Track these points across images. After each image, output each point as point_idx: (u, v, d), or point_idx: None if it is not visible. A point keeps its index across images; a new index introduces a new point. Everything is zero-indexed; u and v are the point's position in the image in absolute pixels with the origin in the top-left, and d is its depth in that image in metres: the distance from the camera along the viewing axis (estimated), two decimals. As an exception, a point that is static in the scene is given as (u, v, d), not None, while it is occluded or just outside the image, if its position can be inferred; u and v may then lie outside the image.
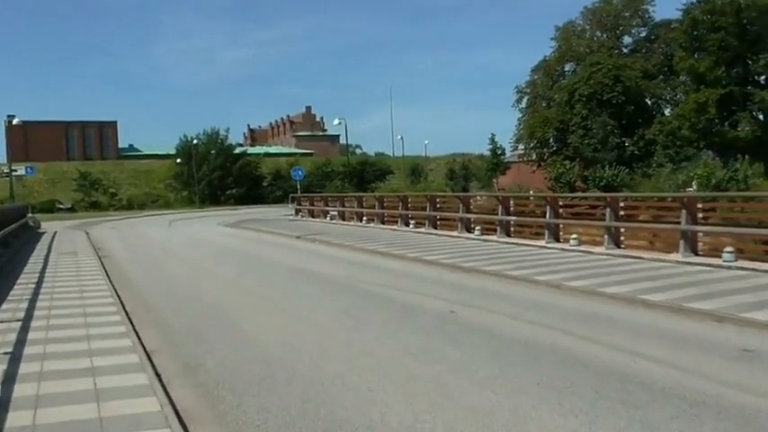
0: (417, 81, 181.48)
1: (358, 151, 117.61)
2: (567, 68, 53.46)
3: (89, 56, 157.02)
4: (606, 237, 13.57)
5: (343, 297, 9.54)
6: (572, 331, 7.08)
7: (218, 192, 62.39)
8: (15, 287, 10.29)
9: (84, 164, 69.11)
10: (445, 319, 7.83)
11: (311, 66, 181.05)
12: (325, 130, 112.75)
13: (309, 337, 6.99)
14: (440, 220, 19.94)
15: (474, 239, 16.80)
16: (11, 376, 5.22)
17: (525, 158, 53.80)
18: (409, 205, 21.77)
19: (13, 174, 41.27)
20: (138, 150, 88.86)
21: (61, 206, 57.54)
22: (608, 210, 13.71)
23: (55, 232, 25.49)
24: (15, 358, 5.79)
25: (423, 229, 19.71)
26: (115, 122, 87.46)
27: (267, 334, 7.25)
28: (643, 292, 8.78)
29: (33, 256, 15.55)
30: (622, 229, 13.96)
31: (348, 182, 54.66)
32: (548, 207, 14.88)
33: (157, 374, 5.51)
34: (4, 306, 8.51)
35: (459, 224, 18.05)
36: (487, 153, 57.80)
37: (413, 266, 12.94)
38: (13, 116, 40.27)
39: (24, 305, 8.51)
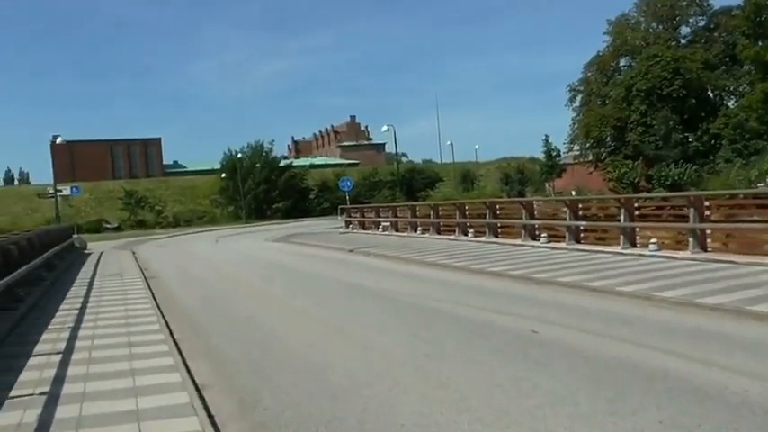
0: (464, 85, 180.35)
1: (404, 159, 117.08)
2: (622, 63, 51.92)
3: (131, 74, 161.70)
4: (691, 240, 12.54)
5: (408, 316, 8.84)
6: (680, 351, 6.21)
7: (264, 206, 62.61)
8: (57, 314, 9.95)
9: (129, 182, 70.58)
10: (527, 340, 7.05)
11: (353, 74, 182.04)
12: (371, 139, 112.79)
13: (377, 366, 6.31)
14: (500, 227, 19.08)
15: (541, 247, 15.88)
16: (45, 424, 4.69)
17: (581, 159, 52.33)
18: (467, 213, 20.96)
19: (59, 194, 42.08)
20: (182, 167, 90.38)
21: (108, 225, 58.68)
22: (692, 210, 12.68)
23: (101, 252, 25.62)
24: (52, 399, 5.28)
25: (483, 238, 18.88)
26: (159, 139, 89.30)
27: (329, 362, 6.59)
28: (750, 302, 7.84)
29: (78, 279, 15.39)
30: (708, 231, 12.94)
31: (398, 191, 54.07)
32: (622, 210, 13.87)
33: (210, 416, 4.92)
34: (45, 336, 8.12)
35: (523, 231, 17.15)
36: (540, 156, 56.52)
37: (478, 279, 12.16)
38: (58, 136, 41.10)
39: (66, 334, 8.10)
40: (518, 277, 11.64)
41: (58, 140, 40.92)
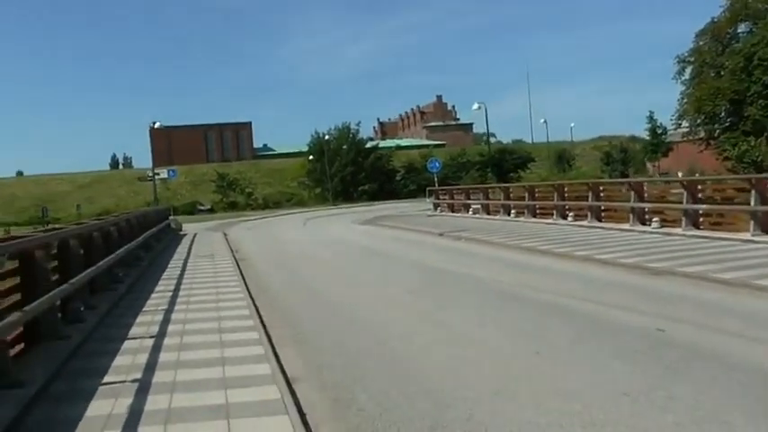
0: (555, 61, 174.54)
1: (492, 139, 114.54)
2: (740, 30, 47.76)
3: (222, 59, 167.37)
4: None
5: (510, 308, 8.25)
6: None
7: (350, 188, 63.11)
8: (153, 295, 10.07)
9: (221, 165, 73.09)
10: (653, 340, 6.30)
11: (439, 53, 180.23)
12: (458, 119, 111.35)
13: (481, 364, 5.79)
14: (604, 210, 17.99)
15: (652, 233, 14.76)
16: (135, 415, 4.51)
17: (690, 137, 48.94)
18: (566, 195, 19.90)
19: (157, 177, 43.97)
20: (272, 150, 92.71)
21: (201, 207, 61.05)
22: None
23: (195, 234, 26.37)
24: (143, 388, 5.14)
25: (584, 222, 17.85)
26: (250, 123, 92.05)
27: (428, 358, 6.14)
28: None
29: (173, 260, 15.73)
30: None
31: (489, 171, 52.80)
32: (752, 191, 12.56)
33: (302, 415, 4.59)
34: (140, 318, 8.16)
35: (631, 215, 16.03)
36: (641, 134, 53.58)
37: (584, 267, 11.35)
38: (156, 121, 42.90)
39: (159, 317, 8.10)
40: (630, 266, 10.75)
41: (156, 125, 42.74)
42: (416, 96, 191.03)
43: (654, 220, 15.52)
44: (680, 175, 34.71)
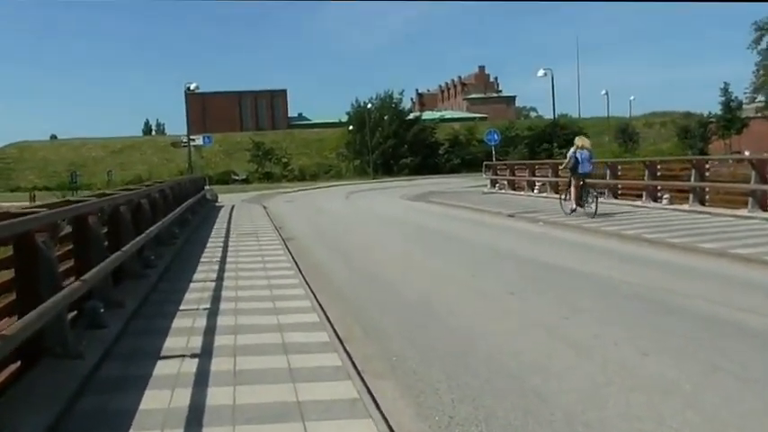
0: (607, 31, 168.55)
1: (533, 114, 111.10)
2: (825, -3, 44.15)
3: (257, 25, 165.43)
4: None
5: (671, 325, 6.22)
6: None
7: (391, 161, 61.07)
8: (191, 286, 8.23)
9: (256, 134, 71.63)
10: None
11: (483, 23, 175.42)
12: (500, 92, 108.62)
13: (669, 418, 3.85)
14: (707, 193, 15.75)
15: (778, 222, 12.62)
16: None
17: (765, 113, 45.80)
18: (658, 174, 17.56)
19: (192, 144, 42.47)
20: (307, 119, 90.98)
21: (236, 177, 59.77)
22: None
23: (232, 206, 24.85)
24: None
25: (684, 206, 15.61)
26: (285, 91, 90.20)
27: (601, 414, 4.21)
28: None
29: (211, 238, 14.00)
30: None
31: (555, 146, 50.25)
32: None
33: None
34: (176, 323, 6.29)
35: (751, 199, 13.77)
36: (694, 110, 50.59)
37: (721, 265, 9.26)
38: (191, 83, 41.35)
39: (202, 323, 6.26)
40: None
41: (193, 86, 41.18)
42: (457, 67, 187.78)
43: (777, 206, 13.28)
44: (747, 153, 31.77)
